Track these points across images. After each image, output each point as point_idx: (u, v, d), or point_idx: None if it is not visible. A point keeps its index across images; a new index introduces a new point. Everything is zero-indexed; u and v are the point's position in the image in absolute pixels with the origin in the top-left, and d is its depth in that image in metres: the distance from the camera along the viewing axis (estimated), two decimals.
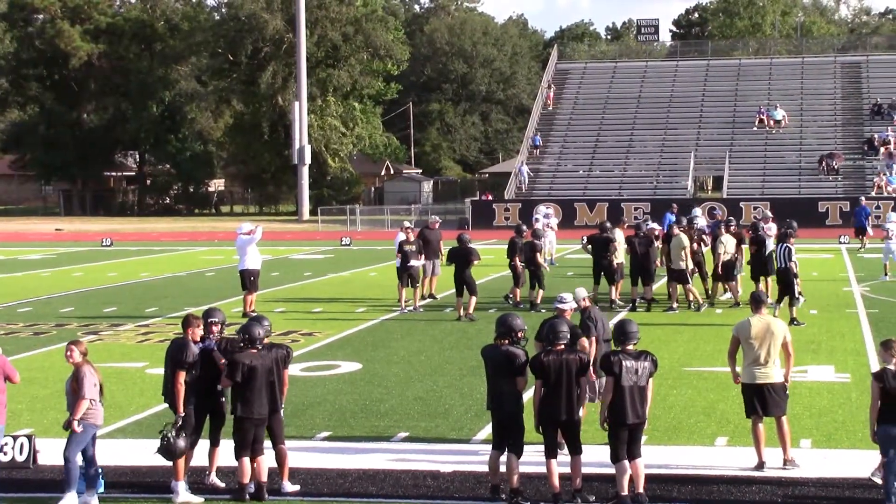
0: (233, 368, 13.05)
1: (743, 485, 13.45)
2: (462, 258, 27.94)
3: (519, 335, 13.14)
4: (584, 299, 15.57)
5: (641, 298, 28.83)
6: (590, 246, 29.63)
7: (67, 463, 12.91)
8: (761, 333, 14.23)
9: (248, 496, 13.03)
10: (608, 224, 30.42)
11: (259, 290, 29.31)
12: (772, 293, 25.95)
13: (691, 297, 28.49)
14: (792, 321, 24.99)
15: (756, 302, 14.72)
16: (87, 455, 13.08)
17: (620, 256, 29.47)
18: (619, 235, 30.06)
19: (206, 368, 13.38)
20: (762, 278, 28.06)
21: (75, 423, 12.86)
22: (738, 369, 14.45)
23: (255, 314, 26.40)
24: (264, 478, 13.12)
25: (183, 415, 13.25)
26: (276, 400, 13.45)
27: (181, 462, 13.24)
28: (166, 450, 13.12)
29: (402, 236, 30.60)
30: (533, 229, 31.03)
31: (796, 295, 25.76)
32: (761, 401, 14.13)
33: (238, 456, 13.12)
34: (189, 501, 13.14)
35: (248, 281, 28.21)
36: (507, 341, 13.11)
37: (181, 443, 13.11)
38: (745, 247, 29.49)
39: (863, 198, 43.51)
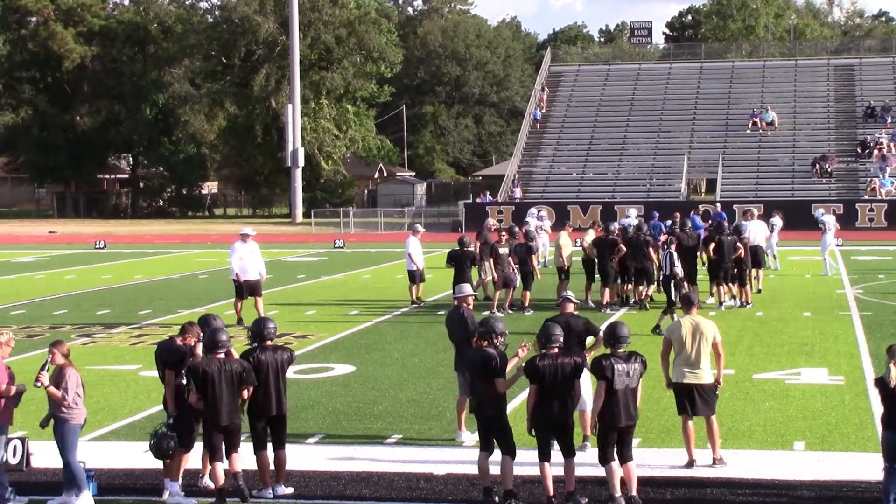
0: (188, 378, 13.03)
1: (736, 487, 13.45)
2: (467, 261, 28.17)
3: (499, 339, 13.16)
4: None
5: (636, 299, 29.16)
6: (594, 249, 29.43)
7: (69, 466, 12.95)
8: (691, 334, 14.30)
9: (226, 500, 12.96)
10: (612, 226, 30.43)
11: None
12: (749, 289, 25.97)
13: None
14: (656, 328, 24.68)
15: (687, 303, 14.78)
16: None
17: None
18: (592, 237, 30.25)
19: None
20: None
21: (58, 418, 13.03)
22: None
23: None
24: (236, 468, 12.93)
25: (175, 413, 13.25)
26: (279, 404, 13.48)
27: (173, 462, 13.25)
28: (157, 448, 13.11)
29: (414, 240, 30.57)
30: (525, 230, 31.01)
31: (674, 301, 25.55)
32: (690, 401, 14.27)
33: (210, 461, 13.11)
34: (182, 503, 13.14)
35: (248, 290, 27.69)
36: (485, 343, 13.13)
37: (171, 442, 13.11)
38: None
39: (718, 204, 43.10)
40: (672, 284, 25.56)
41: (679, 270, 25.94)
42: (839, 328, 25.72)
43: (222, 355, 13.02)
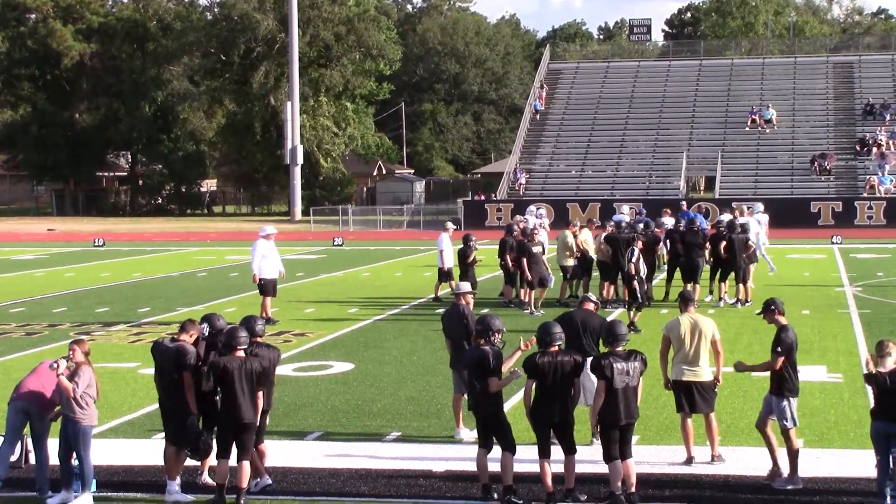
0: (214, 372, 13.06)
1: (734, 485, 13.46)
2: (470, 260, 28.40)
3: (496, 336, 13.16)
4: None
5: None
6: (608, 247, 29.12)
7: (82, 463, 13.00)
8: (690, 332, 14.31)
9: (225, 498, 12.97)
10: (622, 224, 30.37)
11: (252, 292, 29.25)
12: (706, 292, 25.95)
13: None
14: (631, 325, 24.58)
15: (685, 300, 14.79)
16: (64, 455, 13.18)
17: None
18: (588, 234, 30.19)
19: (199, 372, 13.42)
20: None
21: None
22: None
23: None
24: (243, 484, 12.94)
25: (196, 413, 13.26)
26: (269, 400, 13.58)
27: (176, 462, 13.29)
28: (200, 450, 13.23)
29: (446, 237, 30.42)
30: (522, 228, 30.85)
31: (639, 299, 25.72)
32: (689, 398, 14.28)
33: (217, 457, 13.15)
34: (180, 501, 13.15)
35: (269, 288, 27.47)
36: (482, 341, 13.13)
37: (211, 441, 13.24)
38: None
39: (684, 203, 42.14)
40: (635, 281, 25.71)
41: (642, 269, 26.03)
42: (838, 326, 25.74)
43: (242, 353, 13.06)
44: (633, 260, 25.91)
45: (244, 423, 12.93)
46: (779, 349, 13.60)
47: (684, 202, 44.15)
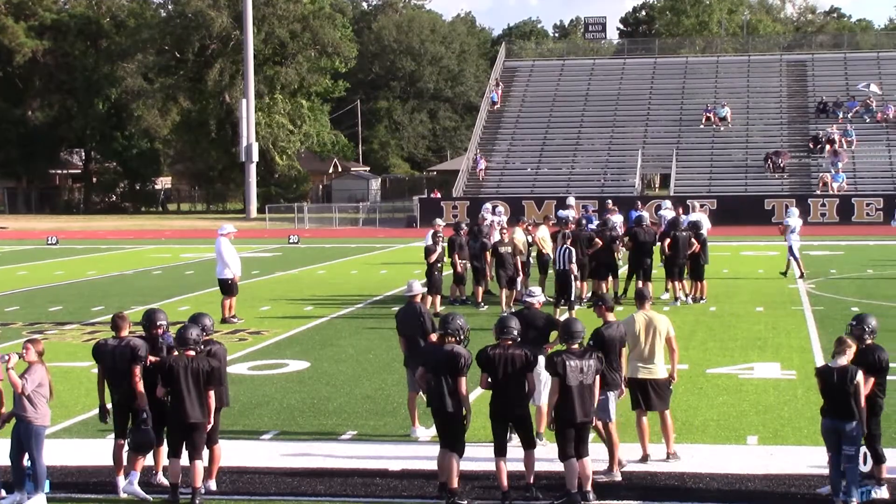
0: (160, 371, 13.06)
1: (690, 481, 13.50)
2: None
3: (464, 334, 13.15)
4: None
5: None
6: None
7: (34, 463, 12.88)
8: (644, 329, 14.38)
9: (179, 497, 12.95)
10: (583, 221, 30.43)
11: (207, 290, 29.13)
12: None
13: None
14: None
15: (640, 298, 14.88)
16: (16, 455, 13.08)
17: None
18: (545, 232, 30.21)
19: (149, 369, 13.37)
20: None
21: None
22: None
23: (234, 319, 26.52)
24: (197, 483, 12.89)
25: (146, 408, 13.21)
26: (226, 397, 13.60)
27: (135, 457, 13.25)
28: (139, 444, 13.18)
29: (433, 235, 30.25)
30: (478, 227, 30.72)
31: (573, 298, 25.99)
32: (644, 395, 14.34)
33: (167, 456, 13.16)
34: (136, 493, 13.11)
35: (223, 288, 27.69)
36: (452, 339, 13.09)
37: (152, 433, 13.21)
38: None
39: (609, 201, 41.72)
40: (570, 279, 25.82)
41: (574, 267, 26.13)
42: (791, 323, 25.89)
43: (192, 352, 13.01)
44: (574, 260, 26.02)
45: (191, 423, 12.92)
46: (591, 341, 13.75)
47: (609, 200, 44.01)
